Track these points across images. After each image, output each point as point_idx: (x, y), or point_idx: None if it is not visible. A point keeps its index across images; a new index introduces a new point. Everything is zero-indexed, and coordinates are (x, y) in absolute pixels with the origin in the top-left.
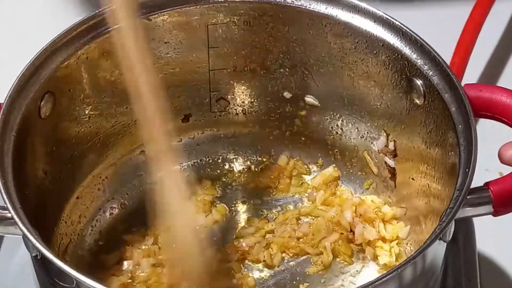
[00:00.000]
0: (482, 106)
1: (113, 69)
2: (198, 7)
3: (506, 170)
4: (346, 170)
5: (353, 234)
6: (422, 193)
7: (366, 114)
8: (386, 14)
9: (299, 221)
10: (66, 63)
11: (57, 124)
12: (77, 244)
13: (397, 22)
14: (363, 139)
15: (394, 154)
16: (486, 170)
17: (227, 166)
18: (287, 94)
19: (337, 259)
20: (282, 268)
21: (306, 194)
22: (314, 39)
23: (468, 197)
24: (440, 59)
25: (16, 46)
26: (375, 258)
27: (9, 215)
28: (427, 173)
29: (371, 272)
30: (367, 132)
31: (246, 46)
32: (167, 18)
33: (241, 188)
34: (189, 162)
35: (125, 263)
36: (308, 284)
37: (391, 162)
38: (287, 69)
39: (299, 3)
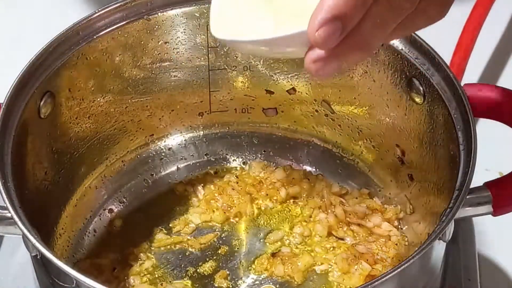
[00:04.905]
0: (482, 106)
1: (113, 69)
2: (198, 7)
3: (506, 170)
4: (347, 170)
5: None
6: (422, 193)
7: (366, 114)
8: None
9: None
10: (66, 63)
11: (57, 124)
12: (77, 244)
13: None
14: (363, 138)
15: (401, 161)
16: (486, 170)
17: (227, 166)
18: (287, 94)
19: None
20: None
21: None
22: None
23: (468, 197)
24: (440, 59)
25: (16, 46)
26: None
27: (9, 215)
28: (427, 173)
29: None
30: (367, 132)
31: None
32: (167, 18)
33: (240, 188)
34: (189, 162)
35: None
36: None
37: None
38: (286, 69)
39: None
